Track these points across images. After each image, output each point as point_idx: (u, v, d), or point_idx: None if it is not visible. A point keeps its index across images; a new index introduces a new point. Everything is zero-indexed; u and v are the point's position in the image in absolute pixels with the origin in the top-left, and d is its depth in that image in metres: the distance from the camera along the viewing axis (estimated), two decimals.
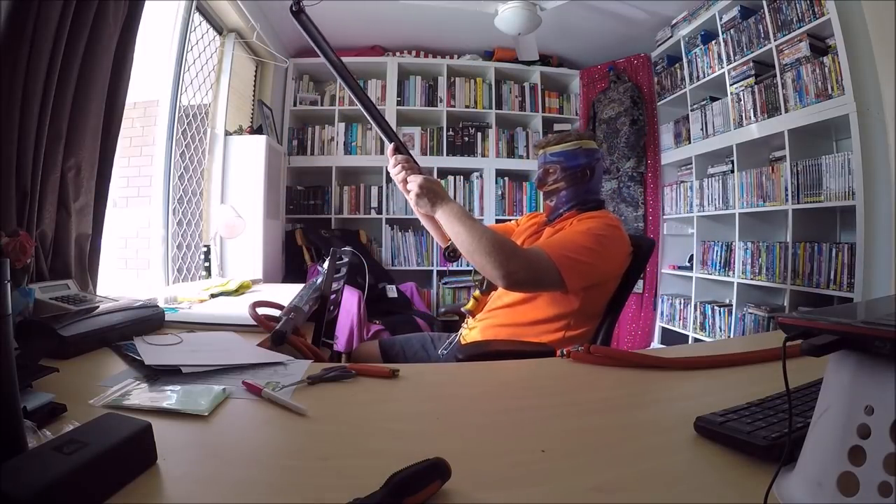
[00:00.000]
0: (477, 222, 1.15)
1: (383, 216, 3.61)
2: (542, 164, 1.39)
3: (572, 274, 1.14)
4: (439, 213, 1.17)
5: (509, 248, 1.11)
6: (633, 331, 3.52)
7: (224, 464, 0.50)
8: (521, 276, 1.11)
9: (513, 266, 1.09)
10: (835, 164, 2.20)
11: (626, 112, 3.47)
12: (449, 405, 0.72)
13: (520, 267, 1.10)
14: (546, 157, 1.38)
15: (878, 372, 0.36)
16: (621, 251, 1.27)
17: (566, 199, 1.36)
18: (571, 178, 1.35)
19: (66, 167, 1.26)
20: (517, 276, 1.10)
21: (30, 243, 1.01)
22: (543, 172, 1.39)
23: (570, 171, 1.35)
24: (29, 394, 0.58)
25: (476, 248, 1.10)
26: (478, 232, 1.11)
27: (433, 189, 1.19)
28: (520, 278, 1.11)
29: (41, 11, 1.09)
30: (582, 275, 1.16)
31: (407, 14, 3.18)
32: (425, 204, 1.18)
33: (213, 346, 0.93)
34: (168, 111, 2.16)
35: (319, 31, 1.13)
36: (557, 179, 1.36)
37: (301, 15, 1.10)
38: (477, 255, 1.10)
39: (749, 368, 0.81)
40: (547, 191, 1.39)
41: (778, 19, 2.46)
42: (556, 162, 1.36)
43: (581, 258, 1.15)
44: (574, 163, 1.35)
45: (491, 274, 1.10)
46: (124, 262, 2.20)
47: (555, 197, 1.38)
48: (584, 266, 1.16)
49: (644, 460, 0.51)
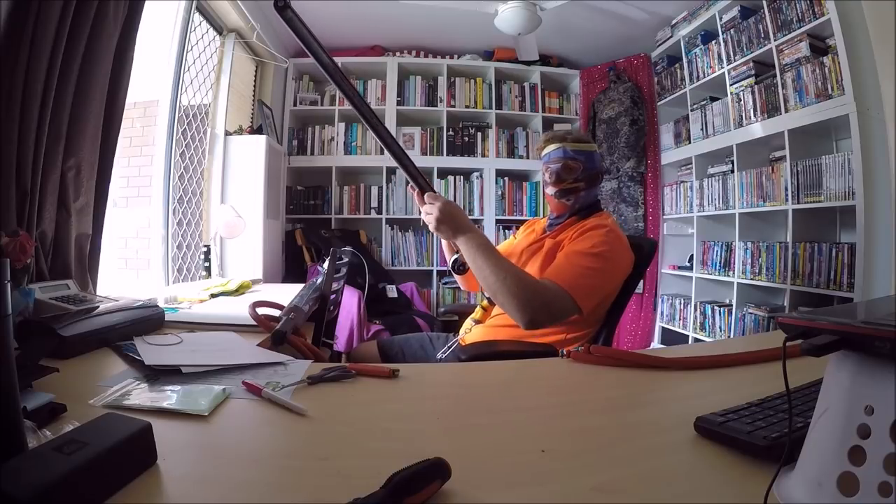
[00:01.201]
0: (501, 258, 1.11)
1: (383, 216, 3.61)
2: (562, 159, 1.32)
3: (586, 299, 1.14)
4: (461, 241, 1.12)
5: (531, 290, 1.08)
6: (633, 331, 3.52)
7: (224, 464, 0.50)
8: (541, 319, 1.10)
9: (535, 314, 1.07)
10: (835, 164, 2.20)
11: (626, 112, 3.47)
12: (449, 405, 0.72)
13: (540, 312, 1.09)
14: (566, 152, 1.32)
15: (878, 372, 0.36)
16: (624, 261, 1.26)
17: (581, 203, 1.35)
18: (592, 179, 1.34)
19: (66, 167, 1.26)
20: (539, 321, 1.09)
21: (30, 243, 1.01)
22: (563, 168, 1.32)
23: (591, 171, 1.33)
24: (29, 394, 0.58)
25: (499, 288, 1.08)
26: (502, 271, 1.08)
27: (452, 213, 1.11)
28: (540, 321, 1.10)
29: (41, 11, 1.09)
30: (593, 297, 1.17)
31: (407, 14, 3.18)
32: (446, 231, 1.12)
33: (213, 346, 0.93)
34: (168, 111, 2.16)
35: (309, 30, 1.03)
36: (579, 178, 1.32)
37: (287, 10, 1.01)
38: (500, 294, 1.08)
39: (749, 368, 0.81)
40: (565, 188, 1.33)
41: (778, 19, 2.46)
42: (580, 160, 1.32)
43: (592, 282, 1.16)
44: (594, 165, 1.34)
45: (513, 315, 1.09)
46: (124, 262, 2.20)
47: (573, 196, 1.33)
48: (595, 289, 1.17)
49: (644, 460, 0.51)
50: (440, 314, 3.50)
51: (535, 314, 1.07)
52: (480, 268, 1.09)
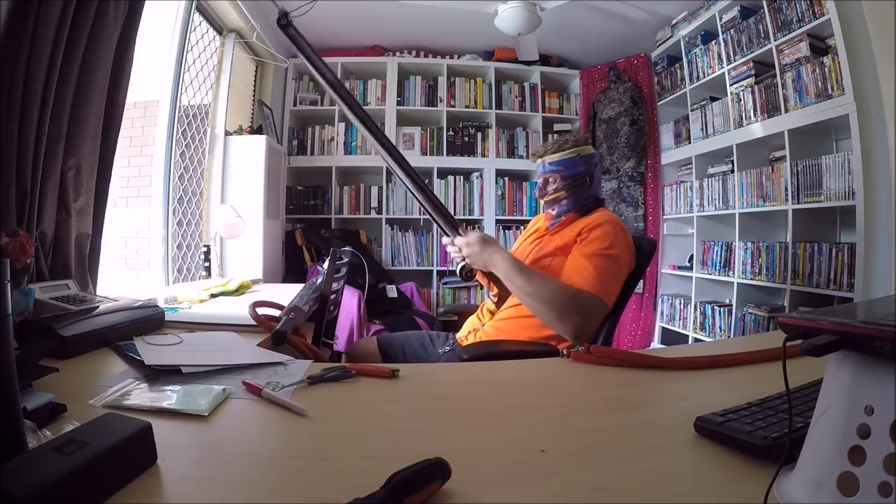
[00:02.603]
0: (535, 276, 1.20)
1: (383, 216, 3.61)
2: (542, 174, 1.39)
3: (610, 296, 1.22)
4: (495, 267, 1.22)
5: (568, 302, 1.16)
6: (633, 331, 3.52)
7: (224, 464, 0.50)
8: (583, 328, 1.16)
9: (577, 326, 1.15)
10: (835, 164, 2.20)
11: (626, 112, 3.47)
12: (449, 405, 0.72)
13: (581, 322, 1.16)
14: (545, 167, 1.37)
15: (878, 372, 0.36)
16: (629, 251, 1.30)
17: (567, 208, 1.37)
18: (571, 186, 1.35)
19: (66, 167, 1.26)
20: (581, 330, 1.16)
21: (30, 243, 1.01)
22: (543, 182, 1.39)
23: (570, 179, 1.35)
24: (29, 394, 0.58)
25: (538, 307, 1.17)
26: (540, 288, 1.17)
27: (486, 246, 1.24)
28: (584, 329, 1.17)
29: (41, 11, 1.09)
30: (614, 292, 1.25)
31: (407, 14, 3.18)
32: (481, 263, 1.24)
33: (213, 346, 0.93)
34: (168, 111, 2.16)
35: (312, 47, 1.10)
36: (558, 189, 1.36)
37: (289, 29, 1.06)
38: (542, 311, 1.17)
39: (749, 368, 0.81)
40: (548, 200, 1.39)
41: (778, 19, 2.46)
42: (555, 171, 1.35)
43: (613, 280, 1.23)
44: (573, 171, 1.35)
45: (557, 328, 1.17)
46: (124, 262, 2.20)
47: (556, 206, 1.38)
48: (617, 286, 1.25)
49: (644, 460, 0.51)
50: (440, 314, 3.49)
51: (576, 326, 1.15)
52: (520, 287, 1.19)
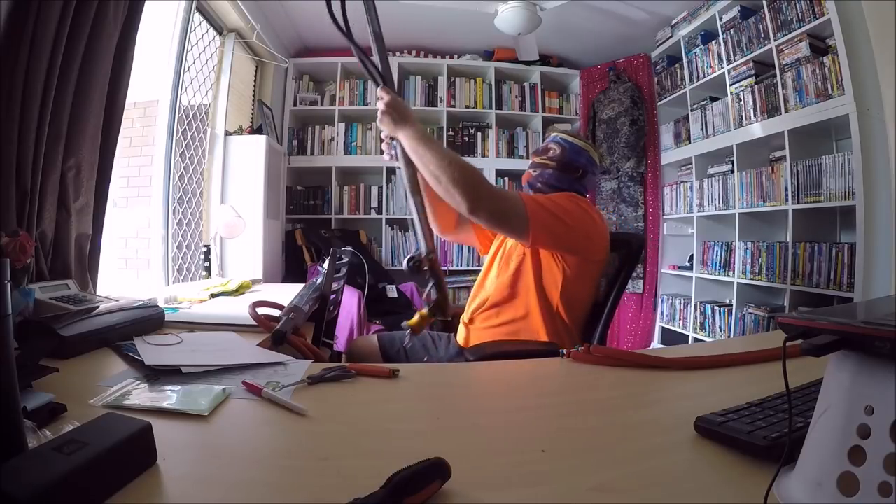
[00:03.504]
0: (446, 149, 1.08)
1: (383, 216, 3.61)
2: (549, 141, 1.42)
3: (538, 223, 1.12)
4: (402, 133, 1.07)
5: (479, 176, 1.07)
6: (633, 331, 3.52)
7: (224, 464, 0.50)
8: (488, 206, 1.06)
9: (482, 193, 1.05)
10: (835, 164, 2.20)
11: (626, 112, 3.46)
12: (449, 405, 0.72)
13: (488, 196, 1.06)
14: (556, 138, 1.41)
15: (878, 372, 0.36)
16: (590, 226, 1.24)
17: (545, 179, 1.37)
18: (565, 167, 1.37)
19: (66, 167, 1.26)
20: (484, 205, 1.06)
21: (30, 243, 1.01)
22: (545, 147, 1.42)
23: (568, 161, 1.37)
24: (29, 394, 0.58)
25: (443, 171, 1.03)
26: (447, 156, 1.04)
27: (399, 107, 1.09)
28: (486, 207, 1.07)
29: (41, 11, 1.09)
30: (548, 229, 1.14)
31: (407, 14, 3.17)
32: (388, 122, 1.08)
33: (213, 346, 0.93)
34: (168, 111, 2.16)
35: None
36: (552, 158, 1.38)
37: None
38: (443, 179, 1.03)
39: (749, 368, 0.81)
40: (537, 162, 1.40)
41: (778, 19, 2.45)
42: (562, 146, 1.38)
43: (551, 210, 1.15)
44: (575, 157, 1.37)
45: (457, 200, 1.04)
46: (124, 262, 2.20)
47: (539, 169, 1.39)
48: (552, 220, 1.15)
49: (644, 460, 0.51)
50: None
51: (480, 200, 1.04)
52: (422, 155, 1.05)
